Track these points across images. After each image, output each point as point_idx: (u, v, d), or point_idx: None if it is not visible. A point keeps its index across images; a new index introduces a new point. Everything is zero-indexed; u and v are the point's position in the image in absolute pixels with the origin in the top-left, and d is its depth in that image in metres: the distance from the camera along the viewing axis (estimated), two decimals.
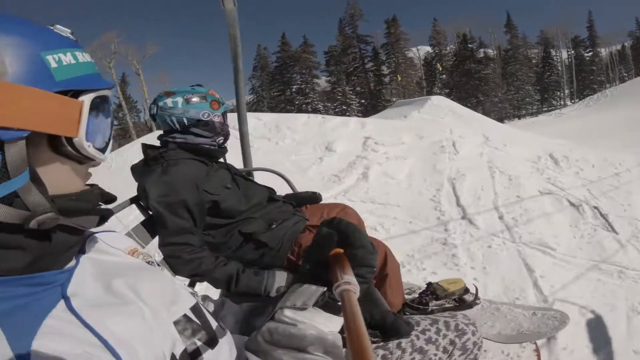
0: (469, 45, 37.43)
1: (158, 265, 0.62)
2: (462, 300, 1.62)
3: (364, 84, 38.88)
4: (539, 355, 1.47)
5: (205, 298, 0.80)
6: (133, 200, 1.35)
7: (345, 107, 35.84)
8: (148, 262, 0.60)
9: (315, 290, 0.58)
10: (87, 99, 0.43)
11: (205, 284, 1.37)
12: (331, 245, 0.61)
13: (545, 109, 38.20)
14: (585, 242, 2.77)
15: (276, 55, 38.87)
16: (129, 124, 34.26)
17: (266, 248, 1.41)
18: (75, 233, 0.46)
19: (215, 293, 1.70)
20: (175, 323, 0.51)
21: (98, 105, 0.46)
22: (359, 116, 31.53)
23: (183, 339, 0.51)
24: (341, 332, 0.54)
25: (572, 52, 41.76)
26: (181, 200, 1.26)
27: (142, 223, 1.34)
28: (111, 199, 0.52)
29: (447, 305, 1.59)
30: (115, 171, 6.84)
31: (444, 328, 0.85)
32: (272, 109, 37.06)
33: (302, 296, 0.58)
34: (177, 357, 0.48)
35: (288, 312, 0.57)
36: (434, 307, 1.56)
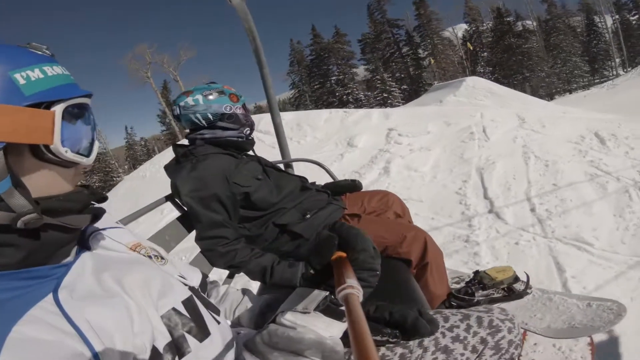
0: (506, 19, 34.78)
1: (162, 258, 0.65)
2: (511, 290, 1.51)
3: (402, 69, 37.62)
4: (593, 350, 1.34)
5: (226, 289, 0.84)
6: (168, 198, 1.40)
7: (386, 95, 34.94)
8: (149, 256, 0.63)
9: (317, 295, 0.59)
10: (58, 109, 0.46)
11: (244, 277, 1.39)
12: (333, 249, 0.62)
13: (597, 80, 34.90)
14: (630, 234, 2.48)
15: (309, 48, 38.62)
16: (175, 129, 35.81)
17: (301, 239, 1.40)
18: (67, 231, 0.50)
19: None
20: (163, 316, 0.52)
21: (74, 113, 0.49)
22: (402, 103, 31.26)
23: (170, 331, 0.52)
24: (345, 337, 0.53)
25: (617, 17, 37.53)
26: (213, 194, 1.27)
27: (178, 219, 1.38)
28: (103, 197, 0.56)
29: (495, 296, 1.48)
30: (150, 180, 7.22)
31: (475, 325, 0.78)
32: (315, 102, 37.08)
33: (304, 300, 0.59)
34: (160, 349, 0.49)
35: (289, 316, 0.58)
36: (480, 298, 1.46)
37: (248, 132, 1.49)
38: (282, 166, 2.16)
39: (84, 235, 0.58)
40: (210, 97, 1.38)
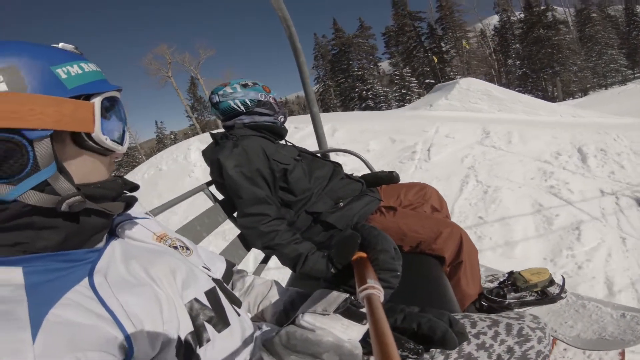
0: (535, 9, 32.03)
1: (187, 249, 0.68)
2: (544, 294, 1.45)
3: (426, 63, 36.17)
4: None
5: (252, 280, 0.84)
6: (208, 184, 1.47)
7: (404, 91, 33.72)
8: (175, 247, 0.66)
9: (337, 297, 0.59)
10: (97, 100, 0.51)
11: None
12: (355, 248, 0.61)
13: (639, 74, 31.93)
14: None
15: (331, 43, 37.69)
16: (197, 125, 36.92)
17: (334, 230, 1.39)
18: (103, 217, 0.53)
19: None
20: (185, 305, 0.55)
21: (109, 105, 0.54)
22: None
23: (192, 320, 0.54)
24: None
25: None
26: (255, 169, 1.31)
27: (219, 202, 1.44)
28: (134, 186, 0.59)
29: (527, 299, 1.44)
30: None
31: (503, 332, 0.73)
32: (339, 97, 36.62)
33: (323, 302, 0.59)
34: (183, 338, 0.51)
35: (308, 317, 0.57)
36: (512, 300, 1.42)
37: (282, 119, 1.58)
38: None
39: (112, 224, 0.60)
40: (247, 86, 1.49)
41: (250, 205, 1.29)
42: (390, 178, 1.74)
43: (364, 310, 0.56)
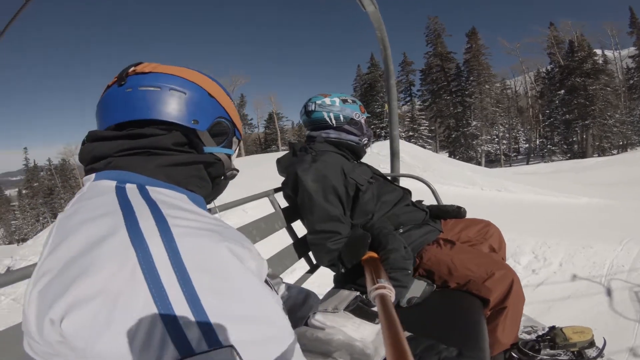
0: (576, 55, 29.20)
1: None
2: (580, 355, 1.40)
3: (450, 105, 34.95)
4: None
5: (286, 289, 0.86)
6: (277, 190, 1.54)
7: (412, 133, 33.16)
8: None
9: (348, 295, 0.61)
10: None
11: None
12: (365, 248, 0.67)
13: None
14: None
15: (364, 78, 38.27)
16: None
17: None
18: (217, 193, 0.70)
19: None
20: None
21: None
22: (428, 143, 28.08)
23: None
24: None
25: None
26: (332, 185, 1.32)
27: (283, 209, 1.48)
28: None
29: (561, 358, 1.40)
30: None
31: None
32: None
33: (334, 300, 0.61)
34: None
35: (318, 316, 0.59)
36: (545, 357, 1.38)
37: (366, 141, 1.61)
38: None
39: None
40: (346, 102, 1.54)
41: (322, 222, 1.28)
42: (457, 213, 1.69)
43: (375, 309, 0.56)
